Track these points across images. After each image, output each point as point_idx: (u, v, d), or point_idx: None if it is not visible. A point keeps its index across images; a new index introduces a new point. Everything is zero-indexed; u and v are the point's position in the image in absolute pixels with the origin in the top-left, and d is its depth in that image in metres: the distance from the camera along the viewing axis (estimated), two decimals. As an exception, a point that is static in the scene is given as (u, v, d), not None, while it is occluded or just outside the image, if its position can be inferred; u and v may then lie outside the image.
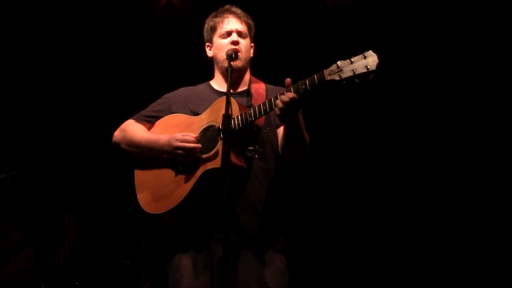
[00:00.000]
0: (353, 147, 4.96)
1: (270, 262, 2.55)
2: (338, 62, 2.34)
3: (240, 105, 2.58)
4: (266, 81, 2.89)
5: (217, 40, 2.82)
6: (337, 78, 2.32)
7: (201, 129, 2.64)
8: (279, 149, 2.66)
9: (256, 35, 2.93)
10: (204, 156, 2.56)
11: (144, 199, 2.69)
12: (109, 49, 4.97)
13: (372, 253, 4.76)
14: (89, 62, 4.97)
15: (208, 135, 2.60)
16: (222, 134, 2.39)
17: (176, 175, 2.63)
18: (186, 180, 2.57)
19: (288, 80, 2.44)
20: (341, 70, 2.32)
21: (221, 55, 2.78)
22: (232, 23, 2.81)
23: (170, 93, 2.90)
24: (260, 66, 3.00)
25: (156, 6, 4.98)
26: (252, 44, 2.89)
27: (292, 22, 4.92)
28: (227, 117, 2.36)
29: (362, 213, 4.85)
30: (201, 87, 2.90)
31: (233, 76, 2.69)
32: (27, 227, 4.29)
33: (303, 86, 2.37)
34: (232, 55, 2.66)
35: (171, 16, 5.00)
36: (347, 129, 4.97)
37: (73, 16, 4.89)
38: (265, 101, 2.48)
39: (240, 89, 2.83)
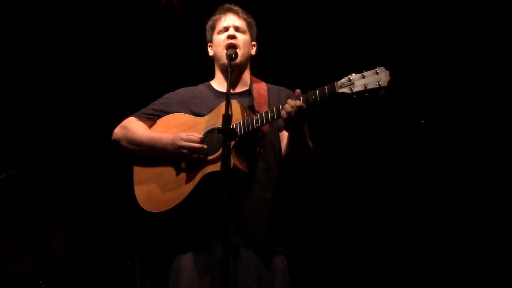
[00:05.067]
0: (354, 148, 4.96)
1: (271, 263, 2.54)
2: (349, 76, 2.34)
3: (243, 108, 2.56)
4: (265, 80, 2.88)
5: (216, 37, 2.83)
6: (348, 91, 2.33)
7: (205, 131, 2.62)
8: (283, 155, 2.66)
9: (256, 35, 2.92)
10: (207, 158, 2.54)
11: (142, 196, 2.67)
12: (109, 49, 4.97)
13: (372, 253, 4.76)
14: (89, 62, 4.97)
15: (212, 138, 2.59)
16: (222, 134, 2.37)
17: (177, 175, 2.61)
18: (187, 181, 2.56)
19: (298, 90, 2.43)
20: (353, 83, 2.33)
21: (219, 51, 2.77)
22: (229, 19, 2.82)
23: (171, 93, 2.88)
24: (259, 65, 3.00)
25: (156, 6, 4.98)
26: (254, 42, 2.88)
27: (292, 21, 4.91)
28: (226, 117, 2.35)
29: (362, 214, 4.85)
30: (201, 87, 2.89)
31: (232, 74, 2.69)
32: (27, 232, 4.27)
33: (313, 97, 2.37)
34: (232, 55, 2.64)
35: (171, 16, 5.00)
36: (347, 130, 4.97)
37: (74, 16, 4.89)
38: (273, 108, 2.46)
39: (241, 89, 2.81)
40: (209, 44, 2.90)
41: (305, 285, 4.62)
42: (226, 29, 2.79)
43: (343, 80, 2.35)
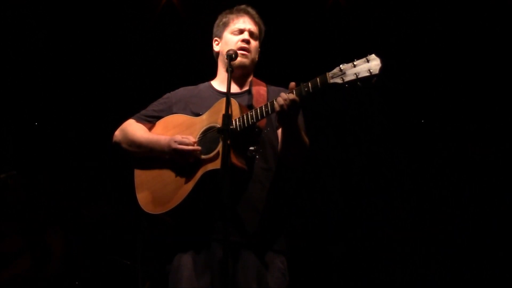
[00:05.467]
0: (353, 147, 4.96)
1: (270, 263, 2.54)
2: (341, 65, 2.33)
3: (241, 106, 2.57)
4: (265, 80, 2.88)
5: (227, 35, 2.82)
6: (339, 81, 2.32)
7: (202, 130, 2.62)
8: (278, 151, 2.65)
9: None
10: (204, 157, 2.54)
11: (143, 199, 2.68)
12: (109, 49, 4.97)
13: (372, 253, 4.76)
14: (89, 62, 4.98)
15: (209, 136, 2.59)
16: (222, 134, 2.37)
17: (176, 176, 2.61)
18: (186, 181, 2.56)
19: (292, 83, 2.43)
20: (344, 73, 2.31)
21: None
22: (246, 22, 2.81)
23: (171, 92, 2.88)
24: (259, 65, 2.99)
25: (156, 6, 4.98)
26: (259, 49, 2.89)
27: (292, 21, 4.91)
28: (226, 117, 2.35)
29: (362, 213, 4.85)
30: (202, 87, 2.89)
31: (237, 74, 2.71)
32: (27, 232, 4.26)
33: (306, 89, 2.37)
34: (232, 55, 2.63)
35: (171, 16, 5.00)
36: (346, 129, 4.97)
37: (74, 16, 4.89)
38: (267, 103, 2.46)
39: (241, 90, 2.82)
40: (215, 38, 2.89)
41: (305, 285, 4.62)
42: (241, 31, 2.79)
43: (334, 70, 2.34)
